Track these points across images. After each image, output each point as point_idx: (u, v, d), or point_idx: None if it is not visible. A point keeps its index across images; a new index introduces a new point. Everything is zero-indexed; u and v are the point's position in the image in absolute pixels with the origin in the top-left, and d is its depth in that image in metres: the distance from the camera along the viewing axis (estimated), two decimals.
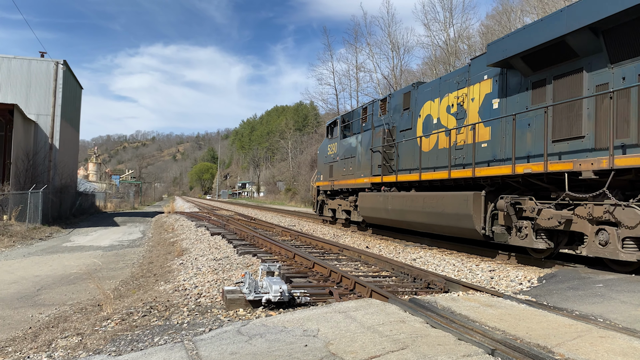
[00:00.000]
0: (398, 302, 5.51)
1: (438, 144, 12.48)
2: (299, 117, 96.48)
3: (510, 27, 37.08)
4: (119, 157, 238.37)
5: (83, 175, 71.18)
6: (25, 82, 25.44)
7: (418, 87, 13.86)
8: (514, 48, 9.39)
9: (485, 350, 3.82)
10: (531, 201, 9.05)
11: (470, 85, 11.43)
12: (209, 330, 4.90)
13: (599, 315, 5.33)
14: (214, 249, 11.91)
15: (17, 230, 18.88)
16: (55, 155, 25.86)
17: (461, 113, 11.70)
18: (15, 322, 7.30)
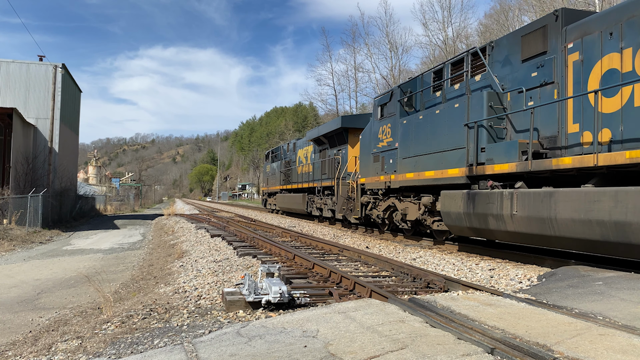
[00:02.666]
0: (397, 302, 5.51)
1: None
2: (299, 118, 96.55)
3: (509, 25, 37.12)
4: (119, 160, 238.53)
5: (83, 178, 71.26)
6: (24, 86, 25.46)
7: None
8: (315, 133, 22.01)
9: (485, 349, 3.82)
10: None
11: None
12: (209, 332, 4.90)
13: (598, 313, 5.33)
14: (214, 251, 11.92)
15: (17, 234, 18.89)
16: (55, 158, 25.87)
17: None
18: (15, 326, 7.30)
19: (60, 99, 25.90)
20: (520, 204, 8.67)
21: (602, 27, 7.99)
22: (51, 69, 25.86)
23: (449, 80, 11.99)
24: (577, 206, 7.59)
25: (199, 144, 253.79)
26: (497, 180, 9.77)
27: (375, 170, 14.99)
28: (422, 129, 12.25)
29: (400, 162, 13.29)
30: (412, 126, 12.73)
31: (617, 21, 7.71)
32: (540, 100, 9.05)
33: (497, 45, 10.57)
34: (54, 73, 25.82)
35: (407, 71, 47.97)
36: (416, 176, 12.36)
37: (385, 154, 14.28)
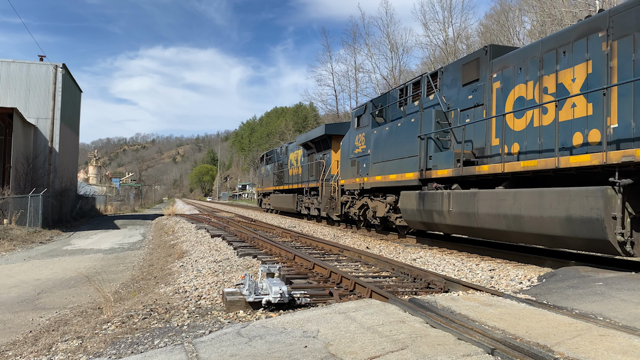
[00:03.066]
0: (398, 303, 5.51)
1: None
2: (299, 119, 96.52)
3: (509, 26, 37.12)
4: (119, 160, 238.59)
5: (83, 178, 71.27)
6: (25, 86, 25.46)
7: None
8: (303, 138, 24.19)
9: (485, 350, 3.82)
10: None
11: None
12: (209, 332, 4.90)
13: (598, 313, 5.33)
14: (214, 251, 11.92)
15: (18, 234, 18.89)
16: (55, 158, 25.87)
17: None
18: (15, 326, 7.30)
19: (60, 99, 25.91)
20: (455, 202, 10.72)
21: (515, 62, 9.91)
22: (52, 69, 25.87)
23: (410, 98, 13.88)
24: (491, 203, 9.58)
25: (199, 144, 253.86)
26: (441, 183, 11.71)
27: (352, 173, 17.04)
28: (388, 138, 14.40)
29: (372, 166, 15.33)
30: (381, 136, 14.91)
31: (524, 59, 9.66)
32: (474, 119, 11.08)
33: (446, 70, 12.40)
34: (55, 73, 25.82)
35: (408, 71, 48.00)
36: (383, 179, 14.46)
37: (360, 159, 16.38)
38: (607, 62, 7.89)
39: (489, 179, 10.34)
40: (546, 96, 9.04)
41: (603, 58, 7.97)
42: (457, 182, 11.28)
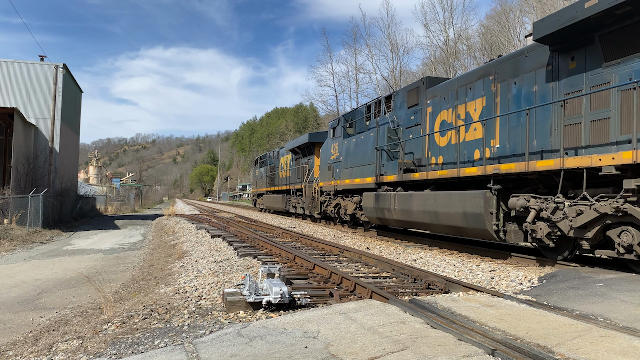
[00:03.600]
0: (398, 303, 5.51)
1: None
2: (299, 119, 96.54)
3: (510, 27, 37.13)
4: (120, 160, 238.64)
5: (83, 178, 71.30)
6: (25, 86, 25.47)
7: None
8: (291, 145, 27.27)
9: (486, 351, 3.82)
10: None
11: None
12: (210, 333, 4.90)
13: (599, 314, 5.33)
14: (214, 251, 11.92)
15: (18, 234, 18.90)
16: (56, 158, 25.88)
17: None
18: (16, 326, 7.31)
19: (61, 99, 25.91)
20: (397, 201, 13.53)
21: (441, 93, 12.57)
22: (52, 69, 25.88)
23: (373, 114, 16.40)
24: (420, 202, 12.33)
25: (200, 145, 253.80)
26: (390, 186, 14.62)
27: (328, 177, 19.84)
28: (355, 148, 17.33)
29: (343, 171, 18.25)
30: (350, 145, 17.80)
31: (447, 90, 12.31)
32: (415, 135, 13.65)
33: (397, 94, 15.01)
34: (55, 73, 25.83)
35: (408, 72, 47.98)
36: (351, 182, 17.38)
37: (335, 165, 19.26)
38: (494, 98, 10.51)
39: (421, 184, 13.15)
40: (459, 121, 11.67)
41: (492, 95, 10.58)
42: (400, 186, 14.26)
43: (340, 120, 19.03)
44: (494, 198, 9.91)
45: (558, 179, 8.47)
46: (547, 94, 9.13)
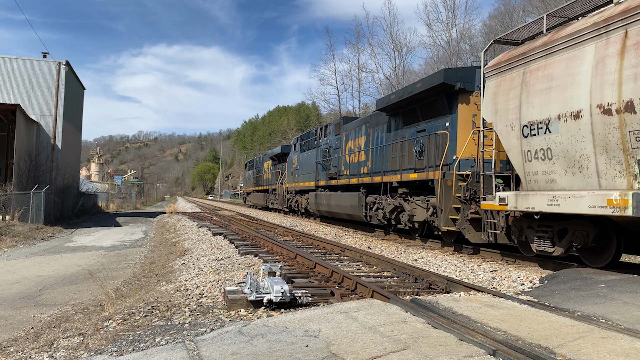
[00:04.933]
0: (399, 303, 5.50)
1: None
2: (301, 118, 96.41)
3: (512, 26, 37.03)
4: (121, 158, 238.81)
5: (85, 175, 71.35)
6: (28, 82, 25.51)
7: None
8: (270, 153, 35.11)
9: (487, 351, 3.81)
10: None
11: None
12: (211, 331, 4.90)
13: (600, 315, 5.31)
14: (215, 249, 11.92)
15: (20, 230, 18.93)
16: (58, 155, 25.91)
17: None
18: (17, 322, 7.32)
19: (63, 96, 25.95)
20: (325, 198, 20.41)
21: (348, 129, 19.19)
22: (55, 66, 25.91)
23: (318, 137, 23.15)
24: (335, 199, 18.90)
25: (202, 143, 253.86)
26: (322, 189, 21.59)
27: (291, 180, 27.33)
28: (305, 161, 24.62)
29: (298, 176, 25.75)
30: (303, 158, 25.05)
31: (351, 129, 18.89)
32: (337, 155, 20.16)
33: (330, 125, 21.88)
34: (58, 70, 25.86)
35: (411, 72, 47.91)
36: (303, 185, 24.85)
37: (295, 171, 26.55)
38: (369, 137, 17.03)
39: (338, 187, 19.68)
40: (355, 148, 18.28)
41: (368, 135, 17.11)
42: (327, 189, 21.08)
43: (298, 139, 26.72)
44: (363, 196, 16.52)
45: (384, 186, 15.16)
46: (388, 139, 15.45)
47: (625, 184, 6.97)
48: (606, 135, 7.09)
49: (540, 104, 8.22)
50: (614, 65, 6.96)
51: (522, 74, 8.74)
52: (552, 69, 8.09)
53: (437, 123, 12.84)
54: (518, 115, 8.69)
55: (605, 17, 7.25)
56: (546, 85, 8.15)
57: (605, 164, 7.20)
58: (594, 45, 7.37)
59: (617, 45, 7.00)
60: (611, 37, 7.12)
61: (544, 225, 8.74)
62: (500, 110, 9.19)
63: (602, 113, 7.11)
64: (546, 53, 8.29)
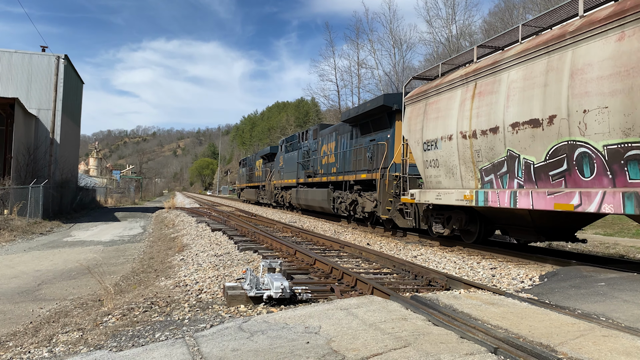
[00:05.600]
0: (400, 300, 5.49)
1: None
2: (300, 114, 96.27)
3: (513, 23, 36.93)
4: (120, 152, 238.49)
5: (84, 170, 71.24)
6: (26, 76, 25.40)
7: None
8: (261, 152, 39.17)
9: (488, 349, 3.80)
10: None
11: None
12: (210, 327, 4.89)
13: (601, 314, 5.31)
14: (214, 245, 11.90)
15: (18, 224, 18.89)
16: (56, 150, 25.84)
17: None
18: (16, 317, 7.29)
19: (62, 90, 25.84)
20: (303, 193, 23.86)
21: (323, 134, 22.30)
22: (53, 60, 25.80)
23: (302, 139, 26.56)
24: (311, 194, 22.56)
25: (200, 138, 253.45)
26: (302, 185, 24.81)
27: (278, 177, 31.04)
28: (289, 160, 28.06)
29: (283, 174, 29.40)
30: (287, 158, 28.53)
31: (325, 134, 22.04)
32: (315, 156, 23.19)
33: (309, 130, 25.23)
34: (56, 64, 25.75)
35: (411, 68, 47.82)
36: (287, 182, 28.36)
37: (281, 170, 30.12)
38: (337, 143, 19.93)
39: (314, 184, 23.06)
40: (327, 152, 21.24)
41: (336, 141, 20.12)
42: (306, 185, 24.39)
43: (284, 141, 30.27)
44: (331, 192, 20.04)
45: (345, 184, 18.54)
46: (350, 146, 18.64)
47: (474, 185, 10.04)
48: (464, 152, 10.17)
49: (433, 128, 11.27)
50: (469, 106, 10.00)
51: (424, 105, 11.79)
52: (440, 104, 11.12)
53: (382, 134, 15.96)
54: (421, 135, 11.79)
55: (466, 72, 10.38)
56: (436, 115, 11.20)
57: (464, 171, 10.29)
58: (460, 90, 10.40)
59: (471, 92, 10.04)
60: (469, 86, 10.14)
61: (439, 214, 12.14)
62: (412, 130, 12.26)
63: (462, 137, 10.18)
64: (437, 92, 11.31)
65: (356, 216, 17.65)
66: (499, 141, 9.09)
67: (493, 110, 9.21)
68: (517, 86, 8.68)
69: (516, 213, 9.84)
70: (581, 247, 13.64)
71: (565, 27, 8.03)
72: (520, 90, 8.59)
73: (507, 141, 8.91)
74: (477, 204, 9.71)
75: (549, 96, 7.96)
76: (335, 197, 19.45)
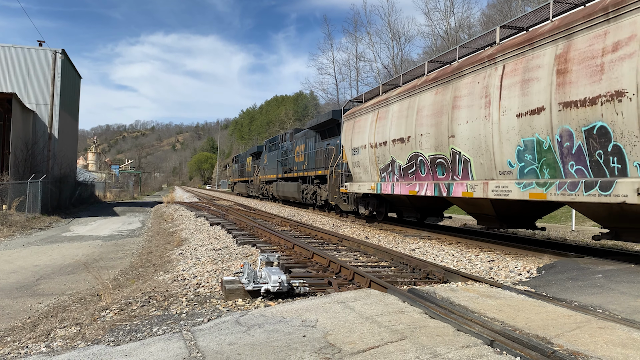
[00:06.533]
0: (397, 293, 5.50)
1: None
2: (299, 107, 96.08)
3: (512, 16, 36.81)
4: (119, 147, 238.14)
5: (82, 165, 71.14)
6: (24, 71, 25.31)
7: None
8: (250, 150, 45.89)
9: (484, 341, 3.81)
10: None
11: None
12: (208, 321, 4.89)
13: (598, 306, 5.32)
14: (213, 239, 11.91)
15: (17, 219, 18.88)
16: (54, 144, 25.80)
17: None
18: (14, 312, 7.30)
19: (59, 84, 25.77)
20: (281, 186, 29.20)
21: (297, 137, 27.22)
22: (51, 55, 25.70)
23: (281, 141, 30.79)
24: (286, 187, 27.76)
25: (199, 132, 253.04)
26: (281, 180, 29.60)
27: (263, 173, 36.09)
28: (271, 159, 32.74)
29: (267, 170, 34.14)
30: (270, 157, 33.07)
31: (298, 138, 26.95)
32: (291, 155, 27.87)
33: (287, 134, 29.94)
34: (54, 58, 25.66)
35: (409, 61, 47.70)
36: (270, 177, 33.03)
37: (265, 166, 35.05)
38: (306, 145, 24.46)
39: (289, 178, 27.18)
40: (299, 152, 25.50)
41: (305, 144, 24.63)
42: (283, 180, 28.64)
43: (267, 141, 35.45)
44: (300, 185, 24.63)
45: (309, 178, 23.27)
46: (314, 148, 22.71)
47: (377, 179, 14.53)
48: (371, 157, 14.64)
49: (357, 139, 15.74)
50: (374, 126, 14.43)
51: (353, 122, 16.41)
52: (361, 122, 15.60)
53: (334, 140, 20.40)
54: (350, 143, 16.27)
55: (373, 102, 14.93)
56: (359, 130, 15.66)
57: (372, 170, 14.73)
58: (371, 114, 14.89)
59: (375, 117, 14.48)
60: (374, 112, 14.66)
61: (363, 200, 16.74)
62: (346, 139, 16.86)
63: (370, 147, 14.65)
64: (360, 114, 15.84)
65: (317, 204, 22.32)
66: (387, 151, 13.61)
67: (384, 130, 13.73)
68: (395, 115, 13.21)
69: (401, 198, 14.43)
70: (580, 238, 13.66)
71: (417, 80, 12.75)
72: (397, 118, 13.09)
73: (390, 151, 13.45)
74: (377, 192, 14.39)
75: (408, 124, 12.43)
76: (303, 189, 24.32)
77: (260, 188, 37.34)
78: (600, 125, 7.05)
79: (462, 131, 10.13)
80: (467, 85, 10.10)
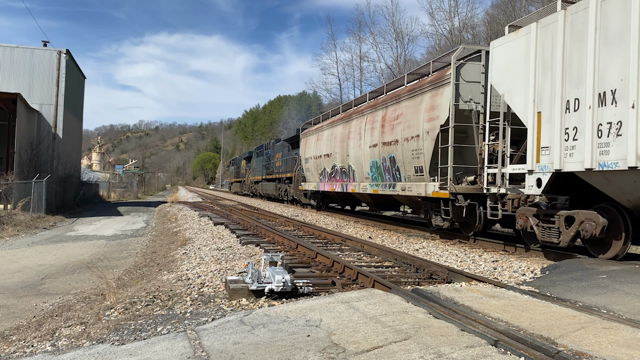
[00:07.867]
0: (401, 293, 5.50)
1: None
2: (302, 107, 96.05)
3: (516, 16, 36.71)
4: (123, 147, 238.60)
5: (86, 164, 71.37)
6: (28, 71, 25.41)
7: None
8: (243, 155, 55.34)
9: (489, 341, 3.81)
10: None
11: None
12: (212, 320, 4.91)
13: (602, 306, 5.31)
14: (217, 239, 11.93)
15: (21, 219, 18.96)
16: (59, 144, 25.89)
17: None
18: (19, 311, 7.34)
19: (64, 85, 25.86)
20: (265, 186, 36.92)
21: (276, 146, 34.63)
22: (55, 55, 25.79)
23: (266, 148, 37.72)
24: (267, 186, 35.77)
25: (203, 132, 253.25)
26: (265, 180, 36.74)
27: (252, 174, 43.24)
28: (258, 163, 40.31)
29: (255, 172, 41.97)
30: (257, 161, 40.92)
31: (278, 146, 34.34)
32: (273, 160, 35.10)
33: (270, 143, 37.33)
34: (58, 59, 25.75)
35: (413, 61, 47.64)
36: (257, 177, 40.81)
37: (254, 169, 42.71)
38: (282, 153, 31.50)
39: (270, 179, 34.55)
40: (278, 158, 32.65)
41: (282, 152, 31.78)
42: (266, 180, 35.85)
43: (255, 148, 42.48)
44: (277, 184, 32.16)
45: (283, 179, 31.07)
46: (287, 155, 29.83)
47: (318, 180, 21.76)
48: (315, 165, 21.95)
49: (307, 152, 22.98)
50: (316, 144, 21.95)
51: (306, 140, 23.62)
52: (309, 140, 23.05)
53: (298, 150, 25.23)
54: (304, 154, 23.22)
55: (316, 127, 22.56)
56: (309, 145, 23.00)
57: (315, 174, 21.96)
58: (315, 135, 22.38)
59: (317, 137, 22.00)
60: (316, 134, 22.33)
61: (313, 195, 23.58)
62: (302, 151, 24.05)
63: (314, 158, 22.14)
64: (310, 134, 23.16)
65: (287, 199, 29.58)
66: (322, 161, 20.71)
67: (320, 147, 20.96)
68: (325, 138, 20.42)
69: (332, 194, 21.09)
70: None
71: (336, 116, 20.30)
72: (326, 140, 20.27)
73: (323, 162, 20.57)
74: (318, 189, 21.64)
75: (331, 145, 19.64)
76: (279, 187, 31.68)
77: (250, 187, 44.81)
78: (393, 156, 13.95)
79: (351, 152, 17.36)
80: (354, 125, 17.41)
